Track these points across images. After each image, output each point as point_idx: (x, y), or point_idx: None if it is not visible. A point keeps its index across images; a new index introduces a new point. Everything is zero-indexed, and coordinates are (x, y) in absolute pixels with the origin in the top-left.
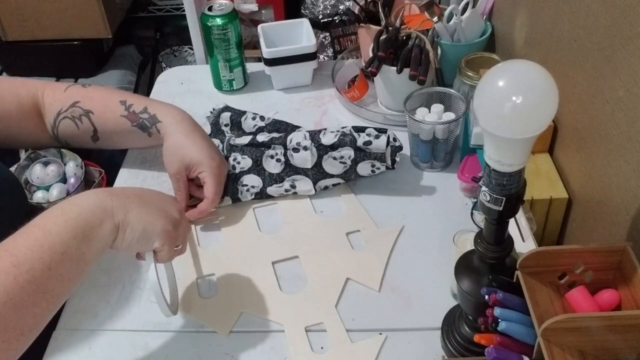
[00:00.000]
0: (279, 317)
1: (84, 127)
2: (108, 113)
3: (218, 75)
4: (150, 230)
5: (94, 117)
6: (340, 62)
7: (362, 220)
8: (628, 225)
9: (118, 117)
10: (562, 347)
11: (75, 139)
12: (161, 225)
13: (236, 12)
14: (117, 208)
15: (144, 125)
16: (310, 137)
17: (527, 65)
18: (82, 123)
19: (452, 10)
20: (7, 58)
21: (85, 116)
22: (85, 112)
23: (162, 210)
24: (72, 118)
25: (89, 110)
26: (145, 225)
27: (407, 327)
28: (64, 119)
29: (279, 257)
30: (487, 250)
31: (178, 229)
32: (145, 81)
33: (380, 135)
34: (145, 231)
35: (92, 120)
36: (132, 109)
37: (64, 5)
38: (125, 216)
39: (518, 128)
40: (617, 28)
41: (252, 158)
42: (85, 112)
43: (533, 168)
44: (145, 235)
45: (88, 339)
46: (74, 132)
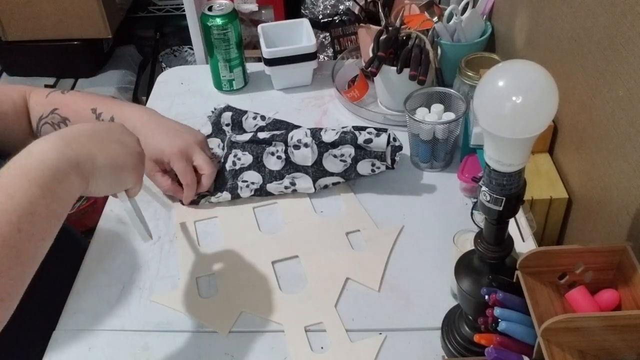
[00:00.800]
0: (278, 316)
1: None
2: (81, 120)
3: (218, 75)
4: (121, 173)
5: (71, 124)
6: (340, 62)
7: (362, 220)
8: (628, 225)
9: None
10: (562, 347)
11: None
12: (130, 164)
13: (236, 12)
14: (81, 157)
15: None
16: (311, 134)
17: (527, 65)
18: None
19: (452, 10)
20: (7, 58)
21: (63, 123)
22: (62, 119)
23: (124, 145)
24: (52, 124)
25: (65, 117)
26: (115, 169)
27: (407, 327)
28: (44, 124)
29: (278, 257)
30: (487, 250)
31: (143, 159)
32: (145, 81)
33: (380, 133)
34: (116, 175)
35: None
36: (102, 118)
37: (64, 5)
38: (93, 164)
39: (518, 128)
40: (617, 28)
41: (253, 155)
42: (62, 119)
43: (533, 168)
44: (117, 179)
45: (88, 339)
46: None
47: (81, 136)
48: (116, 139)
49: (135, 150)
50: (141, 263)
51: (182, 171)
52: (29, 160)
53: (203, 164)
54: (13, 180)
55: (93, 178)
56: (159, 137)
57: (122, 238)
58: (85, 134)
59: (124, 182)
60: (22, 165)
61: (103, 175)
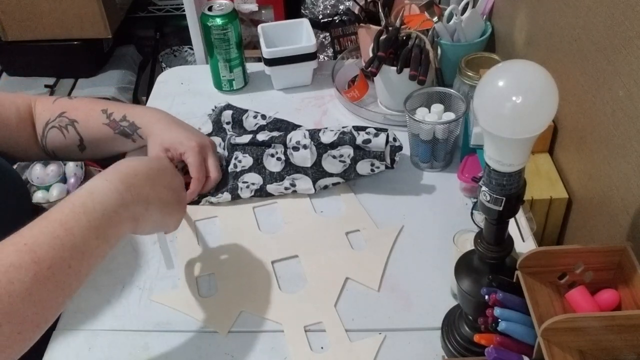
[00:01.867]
0: (278, 316)
1: (70, 137)
2: (91, 121)
3: (218, 75)
4: (167, 219)
5: (79, 126)
6: (340, 62)
7: (362, 219)
8: (628, 225)
9: (101, 126)
10: (562, 347)
11: (63, 149)
12: (175, 212)
13: (236, 12)
14: (137, 203)
15: (125, 132)
16: (309, 135)
17: (527, 65)
18: (68, 132)
19: (452, 10)
20: (7, 58)
21: (71, 125)
22: (70, 121)
23: (174, 191)
24: (59, 127)
25: (74, 119)
26: (164, 216)
27: (407, 327)
28: (51, 128)
29: (278, 257)
30: (487, 250)
31: (185, 206)
32: (145, 81)
33: (379, 133)
34: (162, 221)
35: (78, 129)
36: (113, 117)
37: (64, 5)
38: (146, 209)
39: (518, 128)
40: (617, 28)
41: (253, 157)
42: (70, 122)
43: (533, 168)
44: (162, 224)
45: (88, 339)
46: (61, 142)
47: (138, 177)
48: (167, 183)
49: (182, 197)
50: (141, 263)
51: (197, 165)
52: (93, 202)
53: (214, 167)
54: (75, 217)
55: (142, 222)
56: (177, 131)
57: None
58: (142, 175)
59: (166, 227)
60: (84, 203)
61: (152, 220)
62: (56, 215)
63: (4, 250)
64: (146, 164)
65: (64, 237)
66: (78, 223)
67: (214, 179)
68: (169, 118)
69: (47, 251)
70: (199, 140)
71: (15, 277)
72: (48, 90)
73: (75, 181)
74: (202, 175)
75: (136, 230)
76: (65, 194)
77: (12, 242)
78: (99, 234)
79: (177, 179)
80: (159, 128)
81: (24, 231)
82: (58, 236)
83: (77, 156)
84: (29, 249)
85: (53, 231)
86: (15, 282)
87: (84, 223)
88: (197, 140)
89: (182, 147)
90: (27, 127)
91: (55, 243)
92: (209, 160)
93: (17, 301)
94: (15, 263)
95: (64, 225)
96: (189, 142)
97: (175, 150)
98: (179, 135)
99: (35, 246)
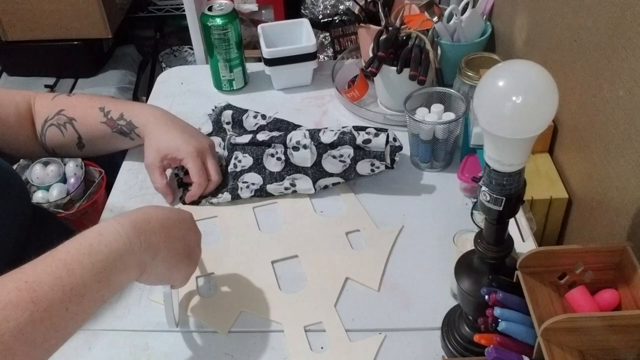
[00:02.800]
0: (278, 316)
1: (68, 135)
2: (89, 119)
3: (218, 75)
4: (174, 273)
5: (77, 124)
6: (340, 62)
7: (362, 219)
8: (628, 225)
9: (98, 124)
10: (562, 347)
11: (62, 147)
12: (185, 272)
13: (236, 12)
14: (144, 250)
15: (123, 131)
16: (310, 135)
17: (527, 65)
18: (66, 130)
19: (452, 10)
20: (7, 58)
21: (69, 123)
22: (69, 119)
23: (187, 245)
24: (57, 125)
25: (72, 117)
26: (171, 269)
27: (407, 327)
28: (50, 126)
29: (278, 257)
30: (487, 250)
31: (197, 262)
32: (145, 81)
33: (379, 133)
34: (169, 274)
35: (76, 127)
36: (110, 116)
37: (64, 5)
38: (153, 259)
39: (518, 128)
40: (617, 28)
41: (253, 157)
42: (69, 120)
43: (533, 168)
44: (168, 277)
45: (88, 339)
46: (60, 140)
47: (151, 224)
48: (182, 235)
49: (195, 253)
50: None
51: (198, 171)
52: (99, 245)
53: (214, 170)
54: (79, 258)
55: (147, 271)
56: (175, 134)
57: None
58: (156, 223)
59: (172, 280)
60: (90, 245)
61: (157, 271)
62: (62, 255)
63: (5, 286)
64: (165, 214)
65: (65, 278)
66: (81, 265)
67: (214, 182)
68: (166, 117)
69: (47, 292)
70: (197, 145)
71: (12, 315)
72: (48, 90)
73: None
74: (203, 180)
75: (140, 279)
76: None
77: (12, 278)
78: (101, 278)
79: (194, 234)
80: (156, 129)
81: (27, 267)
82: (60, 277)
83: (77, 153)
84: (29, 287)
85: (56, 271)
86: (11, 320)
87: (87, 265)
88: (194, 144)
89: (179, 153)
90: (26, 125)
91: (56, 284)
92: (209, 163)
93: (10, 340)
94: (14, 301)
95: (67, 266)
96: (187, 147)
97: (173, 157)
98: (175, 140)
99: (35, 285)
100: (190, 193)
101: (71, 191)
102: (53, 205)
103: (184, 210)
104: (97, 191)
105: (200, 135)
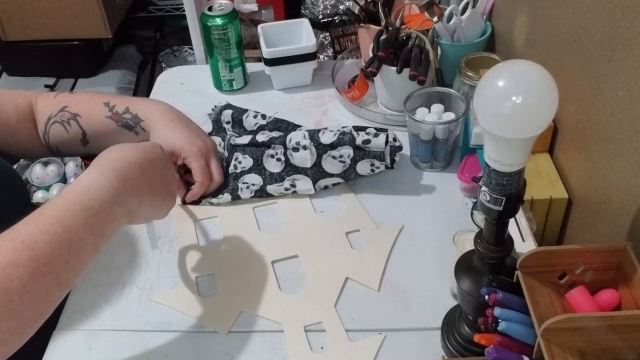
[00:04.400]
0: (278, 316)
1: (73, 131)
2: (94, 115)
3: (218, 75)
4: (158, 213)
5: (82, 120)
6: (340, 62)
7: (362, 219)
8: (628, 225)
9: (103, 119)
10: (562, 347)
11: (65, 144)
12: (168, 208)
13: (236, 12)
14: (131, 198)
15: (128, 124)
16: (309, 136)
17: (527, 65)
18: (70, 127)
19: (452, 10)
20: (7, 58)
21: (74, 119)
22: (73, 115)
23: (167, 184)
24: (61, 122)
25: (76, 113)
26: (155, 210)
27: (407, 327)
28: (54, 123)
29: (278, 257)
30: (487, 250)
31: (175, 198)
32: (145, 81)
33: (379, 133)
34: (153, 214)
35: (80, 123)
36: (115, 110)
37: (64, 5)
38: (139, 204)
39: (518, 128)
40: (617, 28)
41: (253, 157)
42: (73, 116)
43: (533, 168)
44: (153, 216)
45: (88, 339)
46: (64, 137)
47: (132, 170)
48: (160, 175)
49: (173, 189)
50: (141, 263)
51: (201, 170)
52: (89, 200)
53: (217, 171)
54: (72, 214)
55: (135, 215)
56: (179, 132)
57: (122, 238)
58: (136, 168)
59: (156, 217)
60: (81, 201)
61: (144, 213)
62: (53, 212)
63: (1, 247)
64: (141, 155)
65: (61, 234)
66: (75, 220)
67: (216, 183)
68: (172, 113)
69: (45, 249)
70: (201, 145)
71: (14, 275)
72: (48, 90)
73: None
74: (206, 179)
75: (130, 222)
76: None
77: (8, 238)
78: (95, 230)
79: (169, 171)
80: (162, 125)
81: (20, 227)
82: (55, 233)
83: (81, 150)
84: (26, 246)
85: (50, 228)
86: (14, 279)
87: (80, 220)
88: (199, 144)
89: (184, 151)
90: (27, 125)
91: (52, 240)
92: (212, 164)
93: (15, 298)
94: (13, 261)
95: (61, 222)
96: (191, 146)
97: (178, 155)
98: (180, 138)
99: (32, 243)
100: (192, 193)
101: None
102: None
103: (154, 144)
104: None
105: (205, 135)
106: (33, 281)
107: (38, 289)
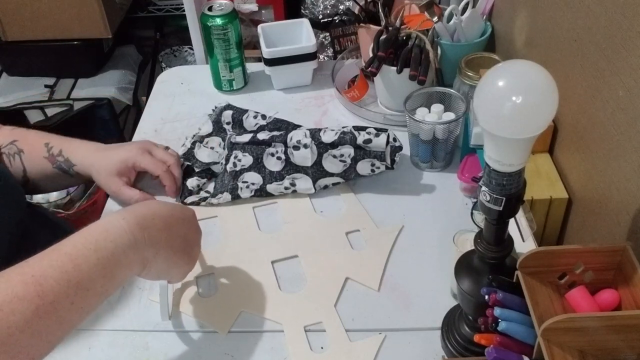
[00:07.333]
0: (278, 316)
1: (15, 166)
2: (34, 153)
3: (218, 75)
4: (173, 269)
5: (24, 157)
6: (340, 62)
7: (362, 219)
8: (628, 225)
9: (42, 159)
10: (562, 347)
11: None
12: (184, 269)
13: (236, 12)
14: (148, 247)
15: (62, 168)
16: (310, 135)
17: (527, 65)
18: (14, 161)
19: (452, 10)
20: (7, 58)
21: (18, 155)
22: (18, 150)
23: (187, 243)
24: (7, 155)
25: (21, 149)
26: (170, 266)
27: (407, 327)
28: (1, 154)
29: (278, 257)
30: (487, 250)
31: (195, 262)
32: (145, 81)
33: (380, 133)
34: (167, 270)
35: (22, 160)
36: (52, 152)
37: (64, 5)
38: (154, 257)
39: (518, 128)
40: (617, 28)
41: (253, 156)
42: (18, 151)
43: (533, 168)
44: (167, 273)
45: (88, 339)
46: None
47: (155, 221)
48: (183, 233)
49: (195, 252)
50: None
51: (153, 163)
52: (105, 241)
53: (164, 155)
54: (85, 253)
55: (149, 267)
56: (114, 152)
57: None
58: (160, 219)
59: (171, 277)
60: (96, 240)
61: (158, 267)
62: (67, 249)
63: (11, 280)
64: (168, 210)
65: (71, 272)
66: (87, 260)
67: (174, 164)
68: (100, 146)
69: (53, 285)
70: (137, 145)
71: (18, 309)
72: (48, 90)
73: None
74: (164, 168)
75: (141, 274)
76: (65, 194)
77: (20, 271)
78: (106, 273)
79: (194, 233)
80: (96, 158)
81: (33, 261)
82: (66, 271)
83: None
84: (35, 281)
85: (62, 265)
86: (17, 313)
87: (92, 260)
88: (135, 146)
89: (129, 160)
90: None
91: (62, 278)
92: (156, 153)
93: (15, 332)
94: (20, 294)
95: (73, 260)
96: (130, 152)
97: (126, 168)
98: (118, 154)
99: (42, 279)
100: (168, 188)
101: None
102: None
103: (187, 208)
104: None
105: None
106: (36, 317)
107: (39, 327)
